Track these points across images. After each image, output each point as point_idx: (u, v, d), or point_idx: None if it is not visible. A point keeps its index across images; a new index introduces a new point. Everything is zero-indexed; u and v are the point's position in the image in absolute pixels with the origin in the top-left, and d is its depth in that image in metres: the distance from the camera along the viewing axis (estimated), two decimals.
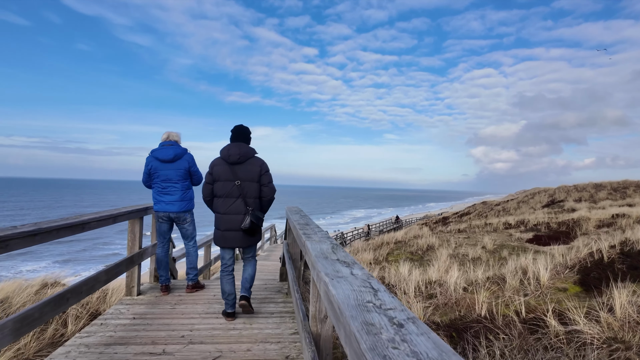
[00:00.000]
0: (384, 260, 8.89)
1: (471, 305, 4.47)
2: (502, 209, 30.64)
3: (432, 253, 9.14)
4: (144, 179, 4.55)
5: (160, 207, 4.45)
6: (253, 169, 3.58)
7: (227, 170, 3.56)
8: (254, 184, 3.58)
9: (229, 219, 3.58)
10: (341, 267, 1.38)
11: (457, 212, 39.07)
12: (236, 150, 3.57)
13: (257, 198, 3.64)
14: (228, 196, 3.57)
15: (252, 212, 3.56)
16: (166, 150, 4.52)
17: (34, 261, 32.75)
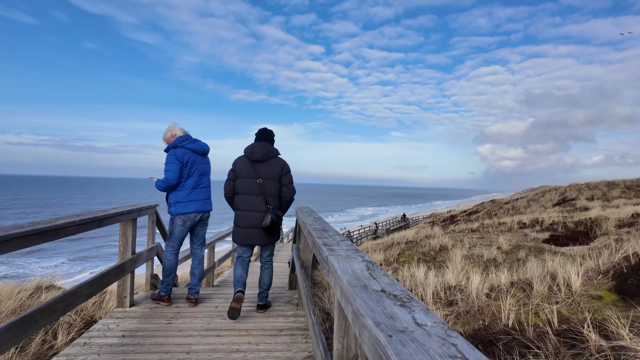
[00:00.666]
0: (395, 261, 8.53)
1: (496, 314, 4.09)
2: (511, 208, 30.09)
3: (446, 254, 8.76)
4: (173, 176, 3.87)
5: (195, 207, 4.01)
6: (275, 168, 3.66)
7: (250, 168, 3.63)
8: (274, 183, 3.64)
9: (249, 216, 3.63)
10: (394, 308, 0.97)
11: (465, 211, 38.51)
12: (259, 149, 3.65)
13: (277, 197, 3.69)
14: (249, 193, 3.63)
15: (272, 210, 3.60)
16: (201, 143, 4.22)
17: (48, 258, 32.87)
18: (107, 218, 3.04)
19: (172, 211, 4.03)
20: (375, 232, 35.19)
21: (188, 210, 3.99)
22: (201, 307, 4.05)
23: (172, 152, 4.01)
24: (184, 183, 4.01)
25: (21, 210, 70.14)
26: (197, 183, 4.07)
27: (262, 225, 3.59)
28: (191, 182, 4.02)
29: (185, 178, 4.01)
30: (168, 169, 3.93)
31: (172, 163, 3.94)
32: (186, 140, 4.10)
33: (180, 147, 4.03)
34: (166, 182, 3.93)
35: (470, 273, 5.50)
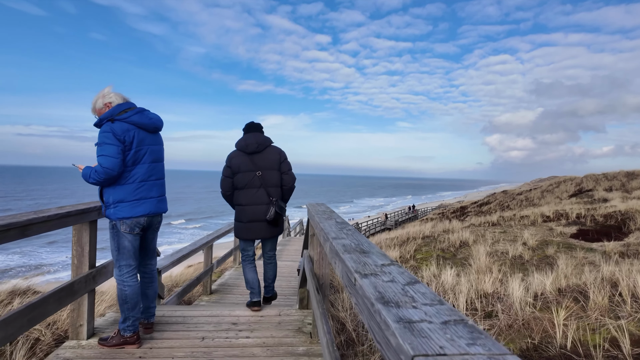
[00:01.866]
0: (411, 258, 7.83)
1: (548, 329, 3.39)
2: (525, 199, 29.15)
3: (467, 250, 8.04)
4: (112, 163, 2.71)
5: (147, 209, 2.87)
6: (272, 157, 3.55)
7: (247, 161, 3.50)
8: (274, 172, 3.55)
9: (252, 210, 3.51)
10: None
11: (476, 202, 37.59)
12: (253, 140, 3.52)
13: (279, 187, 3.59)
14: (249, 187, 3.51)
15: (275, 202, 3.50)
16: (151, 114, 3.01)
17: (60, 251, 32.77)
18: (46, 222, 2.14)
19: (112, 214, 2.81)
20: (384, 223, 34.48)
21: (136, 213, 2.82)
22: (182, 339, 2.99)
23: (108, 128, 2.74)
24: (129, 174, 2.82)
25: (37, 201, 70.48)
26: (149, 173, 2.91)
27: (267, 219, 3.49)
28: (140, 173, 2.86)
29: (130, 166, 2.83)
30: (103, 153, 2.70)
31: (109, 144, 2.71)
32: (129, 110, 2.87)
33: (121, 121, 2.80)
34: (104, 173, 2.69)
35: (508, 276, 4.78)
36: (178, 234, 44.42)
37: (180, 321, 3.24)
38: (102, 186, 2.84)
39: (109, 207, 2.82)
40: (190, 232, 45.91)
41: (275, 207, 3.49)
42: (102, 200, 2.87)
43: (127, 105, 2.90)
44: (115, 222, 2.81)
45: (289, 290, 5.86)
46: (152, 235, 3.10)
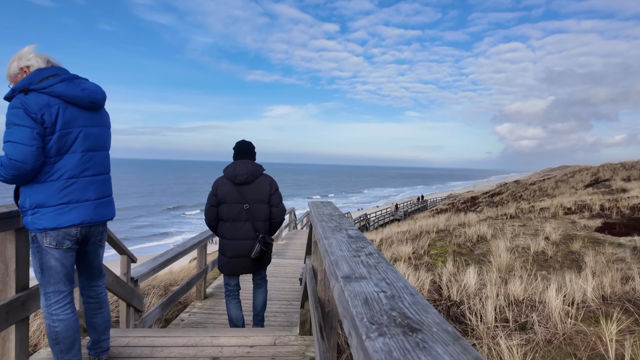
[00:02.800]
0: (425, 254, 7.30)
1: (596, 346, 2.86)
2: (538, 189, 28.31)
3: (485, 245, 7.48)
4: (24, 153, 1.87)
5: (79, 216, 2.08)
6: (262, 188, 3.29)
7: (234, 192, 3.23)
8: (263, 205, 3.28)
9: (236, 245, 3.25)
10: None
11: (487, 192, 36.73)
12: (243, 170, 3.24)
13: (267, 221, 3.32)
14: (235, 220, 3.24)
15: (262, 238, 3.25)
16: (87, 84, 2.18)
17: None
18: None
19: (29, 224, 2.03)
20: (394, 213, 33.89)
21: (63, 222, 2.02)
22: None
23: (18, 103, 1.93)
24: (51, 167, 2.01)
25: None
26: (83, 167, 2.09)
27: (252, 257, 3.24)
28: (68, 166, 2.04)
29: (53, 157, 2.01)
30: (11, 139, 1.90)
31: (19, 125, 1.90)
32: (53, 77, 2.03)
33: (38, 92, 1.97)
34: (12, 167, 1.89)
35: (536, 277, 4.22)
36: (188, 224, 44.44)
37: (147, 354, 2.48)
38: (17, 184, 2.04)
39: (25, 213, 2.00)
40: (202, 222, 45.92)
41: (261, 245, 3.24)
42: (17, 203, 2.04)
43: (51, 70, 2.05)
44: (35, 235, 2.02)
45: (293, 293, 5.33)
46: (94, 250, 2.26)
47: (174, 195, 74.29)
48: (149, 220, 46.02)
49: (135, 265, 3.25)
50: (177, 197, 69.84)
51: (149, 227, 41.53)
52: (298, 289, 5.45)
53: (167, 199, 66.86)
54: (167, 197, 69.85)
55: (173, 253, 3.82)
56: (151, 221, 45.11)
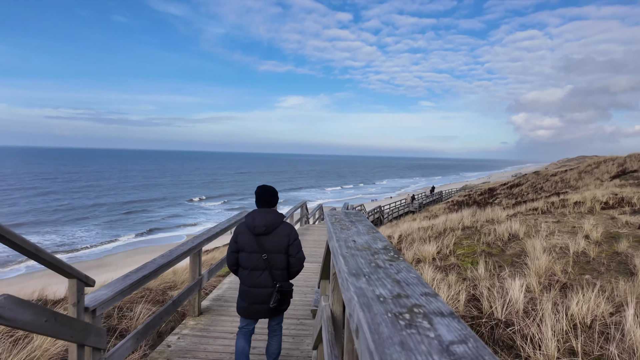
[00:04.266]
0: (451, 254, 6.60)
1: None
2: (560, 180, 27.12)
3: (517, 245, 6.74)
4: None
5: None
6: (280, 239, 3.31)
7: (253, 242, 3.29)
8: (281, 255, 3.32)
9: (255, 293, 3.30)
10: None
11: (506, 184, 35.52)
12: (262, 222, 3.28)
13: (285, 269, 3.37)
14: (254, 269, 3.30)
15: (279, 287, 3.28)
16: None
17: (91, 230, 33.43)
18: None
19: None
20: (409, 205, 33.02)
21: None
22: None
23: None
24: None
25: (89, 183, 71.61)
26: None
27: (270, 306, 3.27)
28: None
29: None
30: None
31: None
32: None
33: None
34: None
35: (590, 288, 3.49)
36: (217, 215, 44.36)
37: None
38: None
39: None
40: (225, 213, 45.87)
41: (279, 294, 3.27)
42: None
43: None
44: None
45: (304, 309, 4.65)
46: None
47: (198, 186, 74.50)
48: (175, 210, 46.31)
49: (95, 289, 2.55)
50: (200, 189, 70.04)
51: (176, 217, 41.88)
52: (309, 302, 4.83)
53: (192, 190, 67.09)
54: (193, 189, 70.08)
55: (153, 266, 3.08)
56: (177, 212, 45.41)
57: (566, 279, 5.31)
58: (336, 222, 1.84)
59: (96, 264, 23.27)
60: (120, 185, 70.68)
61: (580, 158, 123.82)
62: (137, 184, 73.12)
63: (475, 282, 5.22)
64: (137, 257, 24.33)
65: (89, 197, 53.48)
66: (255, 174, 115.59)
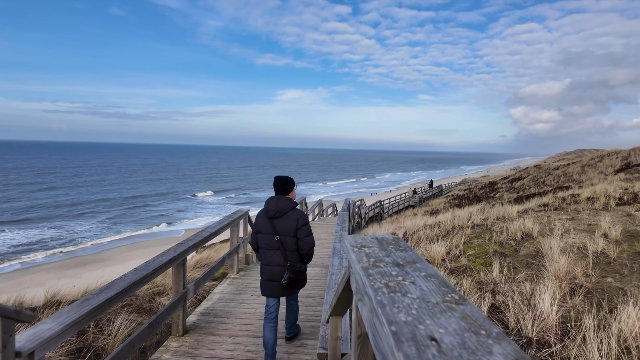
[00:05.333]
0: (461, 254, 6.14)
1: None
2: (562, 174, 26.65)
3: (532, 244, 6.27)
4: None
5: None
6: (289, 223, 3.59)
7: (267, 224, 3.61)
8: (291, 238, 3.60)
9: (270, 270, 3.61)
10: None
11: (507, 177, 35.05)
12: (273, 206, 3.60)
13: (295, 251, 3.63)
14: (269, 248, 3.62)
15: (290, 267, 3.55)
16: None
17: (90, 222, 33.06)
18: None
19: None
20: (410, 199, 32.55)
21: None
22: None
23: None
24: None
25: (101, 177, 70.91)
26: None
27: (281, 283, 3.56)
28: None
29: None
30: None
31: None
32: None
33: None
34: None
35: None
36: (209, 209, 43.89)
37: None
38: None
39: None
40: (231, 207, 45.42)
41: (289, 272, 3.52)
42: None
43: None
44: None
45: (302, 324, 4.19)
46: None
47: (202, 181, 73.81)
48: (179, 205, 45.83)
49: (25, 334, 1.82)
50: (204, 184, 69.36)
51: (179, 212, 41.50)
52: (310, 315, 4.36)
53: (197, 185, 66.42)
54: (197, 183, 69.39)
55: (123, 285, 2.46)
56: (180, 206, 44.93)
57: (589, 283, 4.85)
58: (372, 268, 1.16)
59: (93, 259, 22.86)
60: (125, 179, 70.06)
61: (578, 151, 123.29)
62: (140, 179, 72.46)
63: (491, 286, 4.76)
64: (134, 252, 23.93)
65: (92, 191, 52.98)
66: (257, 168, 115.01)
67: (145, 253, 23.44)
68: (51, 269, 20.71)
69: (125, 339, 3.19)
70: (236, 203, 48.64)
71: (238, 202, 49.83)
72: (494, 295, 4.18)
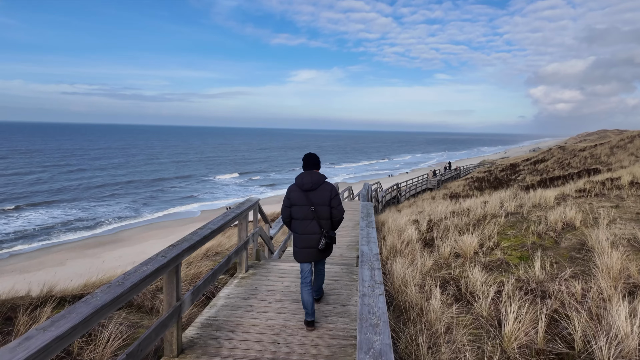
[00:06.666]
0: (495, 246, 5.50)
1: None
2: (589, 156, 25.23)
3: (573, 235, 5.57)
4: None
5: None
6: (324, 194, 3.92)
7: (302, 196, 3.90)
8: (325, 207, 3.92)
9: (306, 239, 3.94)
10: None
11: (529, 159, 33.59)
12: (309, 179, 3.91)
13: (329, 219, 3.98)
14: (304, 219, 3.92)
15: (325, 233, 3.92)
16: None
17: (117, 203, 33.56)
18: None
19: None
20: (429, 181, 31.62)
21: None
22: None
23: None
24: None
25: (127, 159, 71.97)
26: None
27: (319, 248, 3.91)
28: None
29: None
30: None
31: None
32: None
33: None
34: None
35: None
36: (238, 191, 44.05)
37: None
38: None
39: None
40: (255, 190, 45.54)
41: (326, 238, 3.89)
42: None
43: None
44: None
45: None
46: None
47: (228, 163, 74.02)
48: (204, 187, 46.25)
49: None
50: (231, 166, 69.50)
51: (205, 193, 41.88)
52: (334, 310, 3.83)
53: (222, 167, 66.68)
54: (223, 165, 69.60)
55: (84, 312, 1.84)
56: (205, 188, 45.35)
57: None
58: None
59: (111, 239, 23.07)
60: (150, 161, 70.71)
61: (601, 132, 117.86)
62: (165, 161, 73.05)
63: (533, 285, 4.14)
64: (151, 232, 24.05)
65: (119, 173, 53.71)
66: (277, 150, 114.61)
67: (163, 233, 23.50)
68: (71, 249, 20.98)
69: (118, 350, 2.74)
70: (261, 185, 48.51)
71: (262, 184, 49.69)
72: (543, 298, 3.57)
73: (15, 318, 3.05)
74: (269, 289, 4.39)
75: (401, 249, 5.94)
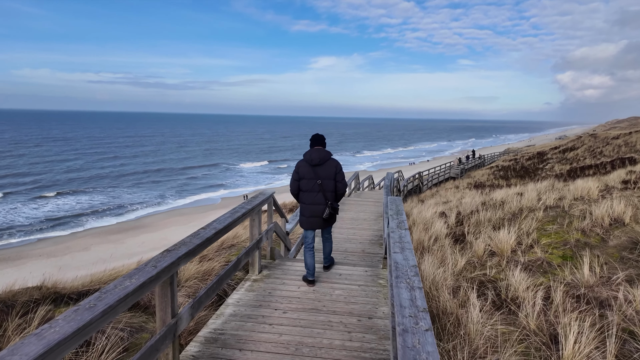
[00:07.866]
0: (535, 243, 4.98)
1: None
2: (623, 144, 23.67)
3: (622, 232, 4.98)
4: None
5: None
6: (330, 169, 4.31)
7: (310, 171, 4.28)
8: (330, 181, 4.32)
9: (312, 209, 4.34)
10: None
11: (558, 147, 31.96)
12: (317, 155, 4.27)
13: (333, 192, 4.37)
14: (311, 191, 4.31)
15: (330, 204, 4.32)
16: None
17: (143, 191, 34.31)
18: None
19: None
20: (451, 170, 30.62)
21: None
22: None
23: None
24: None
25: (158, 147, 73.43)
26: None
27: (324, 217, 4.32)
28: None
29: None
30: None
31: None
32: None
33: None
34: None
35: None
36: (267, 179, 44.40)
37: None
38: None
39: None
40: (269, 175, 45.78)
41: (330, 209, 4.33)
42: None
43: None
44: None
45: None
46: None
47: (259, 152, 74.26)
48: (233, 175, 46.94)
49: None
50: (260, 154, 69.60)
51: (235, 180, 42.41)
52: (359, 324, 3.38)
53: (250, 156, 67.01)
54: (251, 154, 69.83)
55: (33, 352, 1.34)
56: (237, 175, 46.06)
57: None
58: None
59: (134, 225, 23.46)
60: (179, 149, 71.67)
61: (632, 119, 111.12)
62: (193, 149, 73.84)
63: (583, 290, 3.64)
64: (172, 219, 24.34)
65: (149, 161, 54.72)
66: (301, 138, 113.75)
67: (184, 220, 23.74)
68: (96, 235, 21.45)
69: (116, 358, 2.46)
70: (290, 173, 48.15)
71: (290, 172, 49.41)
72: (601, 308, 3.08)
73: (6, 321, 2.79)
74: (284, 295, 3.86)
75: (429, 245, 5.50)
